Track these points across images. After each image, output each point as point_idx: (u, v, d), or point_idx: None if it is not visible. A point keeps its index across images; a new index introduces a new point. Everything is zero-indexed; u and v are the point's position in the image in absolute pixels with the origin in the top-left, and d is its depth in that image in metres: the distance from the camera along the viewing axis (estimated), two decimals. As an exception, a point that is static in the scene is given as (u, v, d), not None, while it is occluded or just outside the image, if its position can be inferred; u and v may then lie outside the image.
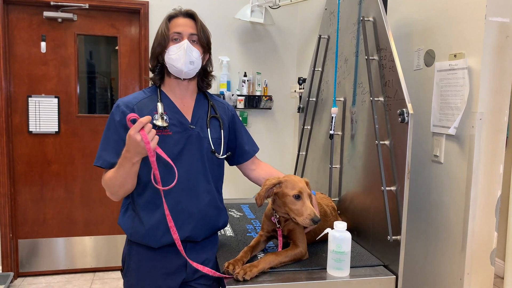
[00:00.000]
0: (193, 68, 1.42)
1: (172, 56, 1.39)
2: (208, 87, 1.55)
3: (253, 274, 1.27)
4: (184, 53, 1.38)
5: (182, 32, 1.41)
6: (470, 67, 1.47)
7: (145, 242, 1.41)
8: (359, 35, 1.74)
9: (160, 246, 1.41)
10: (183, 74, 1.41)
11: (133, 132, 1.19)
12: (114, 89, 3.43)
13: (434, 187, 1.66)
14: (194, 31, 1.43)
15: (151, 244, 1.41)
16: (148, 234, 1.40)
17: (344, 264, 1.32)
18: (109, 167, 1.37)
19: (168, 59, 1.41)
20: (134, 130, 1.19)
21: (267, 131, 3.60)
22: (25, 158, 3.25)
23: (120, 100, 1.43)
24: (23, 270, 3.33)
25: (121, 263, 1.52)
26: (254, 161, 1.65)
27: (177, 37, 1.41)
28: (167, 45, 1.41)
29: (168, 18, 1.44)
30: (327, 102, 2.03)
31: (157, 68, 1.47)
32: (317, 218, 1.30)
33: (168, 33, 1.41)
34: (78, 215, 3.39)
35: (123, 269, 1.50)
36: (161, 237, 1.40)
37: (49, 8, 3.15)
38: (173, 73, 1.43)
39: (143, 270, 1.43)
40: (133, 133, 1.19)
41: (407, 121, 1.37)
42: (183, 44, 1.39)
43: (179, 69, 1.40)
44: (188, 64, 1.39)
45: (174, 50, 1.39)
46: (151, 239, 1.40)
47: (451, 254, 1.56)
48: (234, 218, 1.95)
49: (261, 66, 3.52)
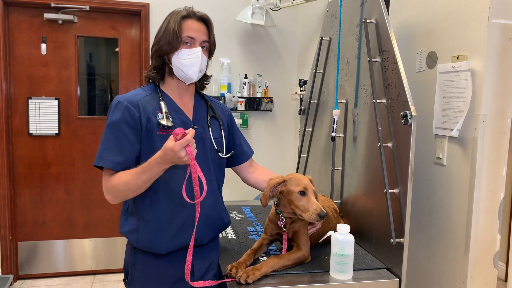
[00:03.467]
0: (201, 76, 1.42)
1: (183, 61, 1.36)
2: (204, 88, 1.54)
3: (255, 277, 1.26)
4: (197, 62, 1.36)
5: (195, 37, 1.37)
6: (473, 69, 1.47)
7: (152, 248, 1.36)
8: (361, 37, 1.74)
9: (168, 251, 1.37)
10: (190, 80, 1.40)
11: (178, 147, 1.15)
12: (114, 91, 3.42)
13: (437, 189, 1.65)
14: (206, 38, 1.40)
15: (158, 250, 1.36)
16: (155, 239, 1.35)
17: (347, 267, 1.32)
18: (112, 166, 1.30)
19: (178, 63, 1.37)
20: (179, 146, 1.15)
21: (268, 133, 3.59)
22: (25, 160, 3.24)
23: (120, 97, 1.36)
24: (23, 273, 3.32)
25: (124, 272, 1.47)
26: (252, 164, 1.64)
27: (189, 41, 1.37)
28: (178, 47, 1.36)
29: (182, 17, 1.37)
30: (328, 104, 2.02)
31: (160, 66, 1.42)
32: (323, 213, 1.29)
33: (181, 34, 1.35)
34: (78, 217, 3.38)
35: (126, 278, 1.45)
36: (170, 240, 1.36)
37: (49, 9, 3.15)
38: (180, 77, 1.40)
39: (149, 278, 1.38)
40: (178, 149, 1.15)
41: (411, 123, 1.37)
42: (196, 52, 1.36)
43: (189, 77, 1.38)
44: (198, 72, 1.39)
45: (186, 55, 1.35)
46: (159, 244, 1.36)
47: (454, 257, 1.55)
48: (236, 221, 1.94)
49: (262, 68, 3.52)
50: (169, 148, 1.16)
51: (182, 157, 1.17)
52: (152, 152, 1.27)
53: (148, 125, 1.34)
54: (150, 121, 1.34)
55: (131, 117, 1.33)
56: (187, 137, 1.16)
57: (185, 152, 1.17)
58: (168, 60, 1.39)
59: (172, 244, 1.37)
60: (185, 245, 1.37)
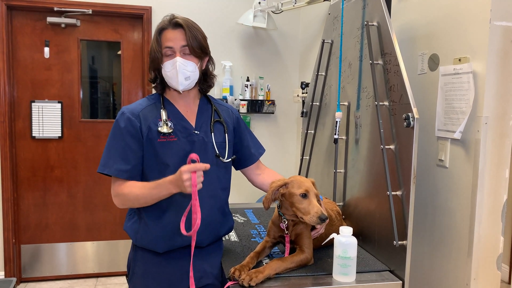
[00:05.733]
0: (190, 83, 1.41)
1: (167, 73, 1.39)
2: (209, 89, 1.54)
3: (258, 280, 1.26)
4: (177, 73, 1.37)
5: (173, 46, 1.38)
6: (475, 71, 1.47)
7: (151, 247, 1.41)
8: (363, 39, 1.75)
9: (165, 251, 1.41)
10: (180, 90, 1.41)
11: (185, 169, 1.20)
12: (116, 94, 3.44)
13: (439, 191, 1.65)
14: (185, 43, 1.38)
15: (157, 249, 1.40)
16: (154, 239, 1.40)
17: (350, 270, 1.32)
18: (116, 174, 1.36)
19: (165, 76, 1.41)
20: (187, 168, 1.20)
21: (270, 135, 3.60)
22: (28, 163, 3.25)
23: (125, 107, 1.43)
24: (26, 276, 3.32)
25: (127, 268, 1.52)
26: (259, 166, 1.65)
27: (170, 52, 1.39)
28: (162, 61, 1.40)
29: (159, 31, 1.41)
30: (330, 107, 2.03)
31: (157, 79, 1.47)
32: (324, 216, 1.29)
33: (160, 49, 1.39)
34: (81, 220, 3.39)
35: (128, 274, 1.50)
36: (168, 241, 1.40)
37: (52, 13, 3.16)
38: (172, 87, 1.44)
39: (148, 276, 1.43)
40: (184, 170, 1.20)
41: (413, 125, 1.37)
42: (176, 62, 1.37)
43: (175, 87, 1.41)
44: (184, 81, 1.39)
45: (169, 67, 1.38)
46: (157, 243, 1.40)
47: (457, 259, 1.55)
48: (238, 223, 1.95)
49: (264, 70, 3.53)
50: (180, 170, 1.21)
51: (184, 179, 1.20)
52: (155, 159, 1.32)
53: (149, 134, 1.39)
54: (151, 130, 1.39)
55: (133, 127, 1.38)
56: (197, 164, 1.21)
57: (189, 176, 1.20)
58: (159, 74, 1.44)
59: (170, 244, 1.40)
60: (183, 245, 1.41)
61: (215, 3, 3.37)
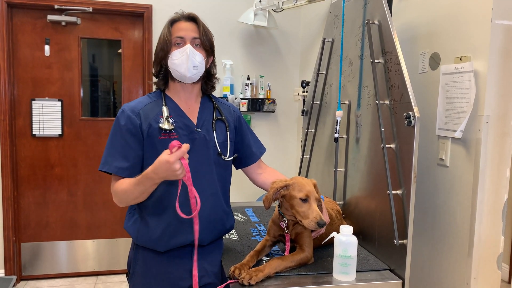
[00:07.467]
0: (197, 73, 1.41)
1: (175, 61, 1.39)
2: (212, 90, 1.55)
3: (258, 279, 1.26)
4: (187, 58, 1.37)
5: (184, 36, 1.40)
6: (476, 70, 1.46)
7: (152, 246, 1.41)
8: (364, 38, 1.74)
9: (166, 250, 1.40)
10: (186, 79, 1.41)
11: (174, 159, 1.16)
12: (116, 93, 3.43)
13: (440, 191, 1.65)
14: (197, 35, 1.41)
15: (157, 248, 1.40)
16: (154, 238, 1.39)
17: (350, 269, 1.31)
18: (116, 172, 1.36)
19: (172, 64, 1.40)
20: (174, 157, 1.16)
21: (270, 134, 3.59)
22: (28, 161, 3.25)
23: (125, 105, 1.43)
24: (26, 274, 3.33)
25: (127, 267, 1.52)
26: (260, 165, 1.64)
27: (180, 42, 1.40)
28: (170, 50, 1.40)
29: (170, 22, 1.43)
30: (331, 106, 2.02)
31: (160, 72, 1.46)
32: (322, 222, 1.29)
33: (170, 38, 1.40)
34: (81, 218, 3.39)
35: (128, 273, 1.49)
36: (168, 240, 1.39)
37: (53, 11, 3.16)
38: (177, 77, 1.43)
39: (149, 275, 1.43)
40: (174, 160, 1.16)
41: (414, 124, 1.37)
42: (186, 49, 1.38)
43: (183, 74, 1.39)
44: (192, 69, 1.39)
45: (177, 55, 1.39)
46: (158, 242, 1.40)
47: (458, 259, 1.55)
48: (239, 222, 1.95)
49: (264, 69, 3.52)
50: (164, 160, 1.17)
51: (176, 169, 1.17)
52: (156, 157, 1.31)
53: (150, 131, 1.38)
54: (152, 127, 1.39)
55: (133, 125, 1.38)
56: (182, 149, 1.17)
57: (180, 164, 1.18)
58: (165, 65, 1.43)
59: (170, 243, 1.40)
60: (184, 244, 1.41)
61: (216, 2, 3.37)
